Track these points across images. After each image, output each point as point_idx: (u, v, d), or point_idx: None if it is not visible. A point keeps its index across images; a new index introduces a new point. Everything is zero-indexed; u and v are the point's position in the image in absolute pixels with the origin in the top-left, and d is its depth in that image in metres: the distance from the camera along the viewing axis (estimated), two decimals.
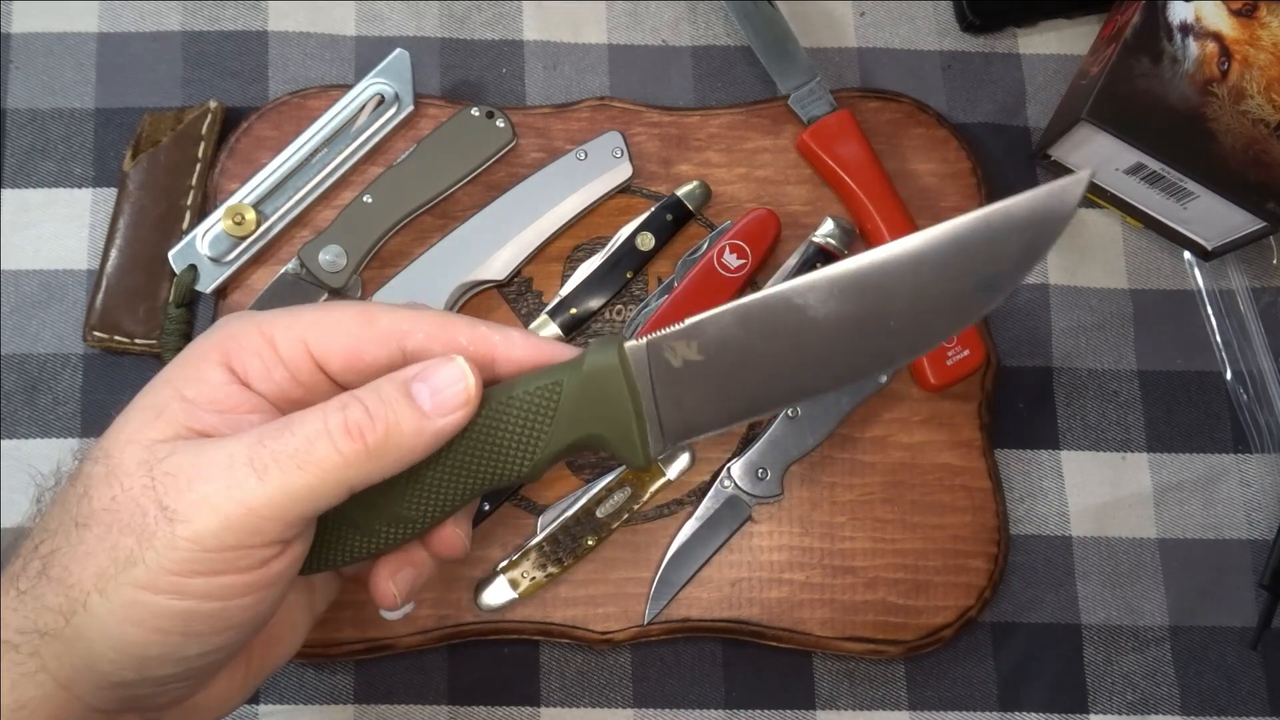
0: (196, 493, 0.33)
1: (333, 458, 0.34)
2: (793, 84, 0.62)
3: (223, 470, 0.33)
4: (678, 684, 0.58)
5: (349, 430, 0.34)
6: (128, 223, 0.60)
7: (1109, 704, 0.58)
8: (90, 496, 0.35)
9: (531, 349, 0.39)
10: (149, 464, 0.34)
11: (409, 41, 0.63)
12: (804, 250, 0.60)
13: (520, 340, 0.39)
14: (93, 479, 0.35)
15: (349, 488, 0.35)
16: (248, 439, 0.34)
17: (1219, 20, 0.57)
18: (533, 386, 0.37)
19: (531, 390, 0.37)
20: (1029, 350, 0.62)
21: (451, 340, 0.38)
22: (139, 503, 0.34)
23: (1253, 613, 0.60)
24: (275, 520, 0.34)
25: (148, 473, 0.34)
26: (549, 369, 0.38)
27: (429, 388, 0.36)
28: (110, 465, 0.35)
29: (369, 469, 0.35)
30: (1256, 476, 0.61)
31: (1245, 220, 0.58)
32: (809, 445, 0.58)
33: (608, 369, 0.37)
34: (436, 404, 0.36)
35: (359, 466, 0.35)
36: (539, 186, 0.60)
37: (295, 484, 0.34)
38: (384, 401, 0.35)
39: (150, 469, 0.34)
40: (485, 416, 0.37)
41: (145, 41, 0.63)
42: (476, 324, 0.39)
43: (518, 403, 0.37)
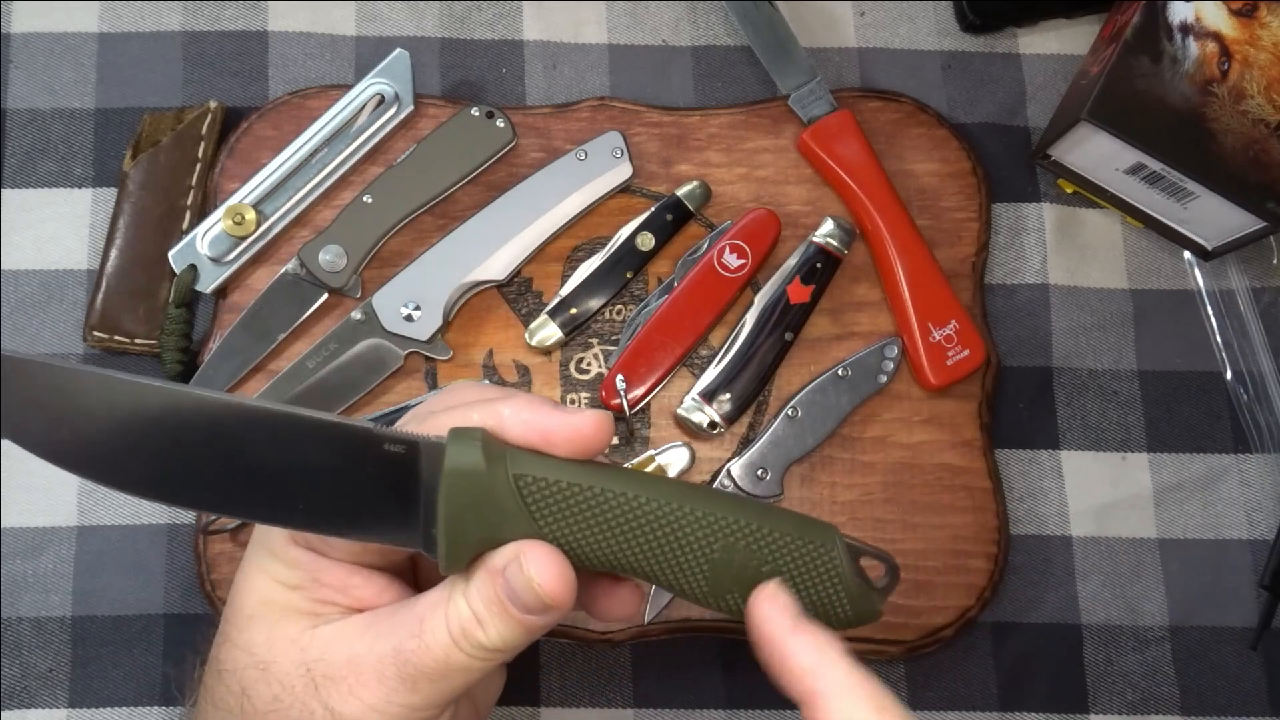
0: (361, 700, 0.36)
1: (471, 664, 0.37)
2: (793, 84, 0.62)
3: (377, 679, 0.36)
4: (678, 684, 0.58)
5: (472, 638, 0.36)
6: (128, 223, 0.59)
7: (1109, 704, 0.58)
8: (249, 695, 0.37)
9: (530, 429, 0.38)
10: (304, 665, 0.37)
11: (409, 41, 0.63)
12: (804, 250, 0.60)
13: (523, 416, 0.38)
14: (247, 679, 0.38)
15: (495, 667, 0.37)
16: (391, 646, 0.37)
17: (1219, 20, 0.57)
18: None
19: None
20: (1029, 350, 0.62)
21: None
22: (305, 704, 0.37)
23: (1253, 613, 0.60)
24: (433, 708, 0.37)
25: (306, 674, 0.37)
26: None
27: (518, 591, 0.36)
28: (263, 664, 0.37)
29: (507, 655, 0.37)
30: (1256, 476, 0.61)
31: (1245, 220, 0.58)
32: (809, 445, 0.58)
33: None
34: (526, 605, 0.36)
35: (497, 659, 0.37)
36: (539, 186, 0.60)
37: (445, 688, 0.37)
38: (488, 608, 0.36)
39: (308, 670, 0.37)
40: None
41: (145, 41, 0.63)
42: (486, 401, 0.38)
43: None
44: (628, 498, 0.36)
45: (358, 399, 0.58)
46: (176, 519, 0.58)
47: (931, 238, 0.61)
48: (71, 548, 0.58)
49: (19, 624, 0.57)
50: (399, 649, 0.36)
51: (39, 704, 0.56)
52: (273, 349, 0.58)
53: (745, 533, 0.37)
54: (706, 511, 0.37)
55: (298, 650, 0.37)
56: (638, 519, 0.36)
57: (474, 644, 0.36)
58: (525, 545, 0.36)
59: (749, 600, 0.37)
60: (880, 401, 0.59)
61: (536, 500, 0.36)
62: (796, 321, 0.59)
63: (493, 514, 0.36)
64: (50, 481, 0.58)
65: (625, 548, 0.37)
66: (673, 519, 0.36)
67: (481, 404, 0.38)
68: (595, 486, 0.36)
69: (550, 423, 0.37)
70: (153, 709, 0.56)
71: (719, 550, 0.37)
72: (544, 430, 0.37)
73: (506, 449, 0.36)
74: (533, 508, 0.36)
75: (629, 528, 0.36)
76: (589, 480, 0.36)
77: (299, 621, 0.38)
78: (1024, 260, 0.63)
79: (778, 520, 0.37)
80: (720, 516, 0.37)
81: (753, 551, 0.37)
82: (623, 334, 0.59)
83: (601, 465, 0.37)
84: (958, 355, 0.59)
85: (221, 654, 0.39)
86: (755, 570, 0.37)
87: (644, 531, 0.36)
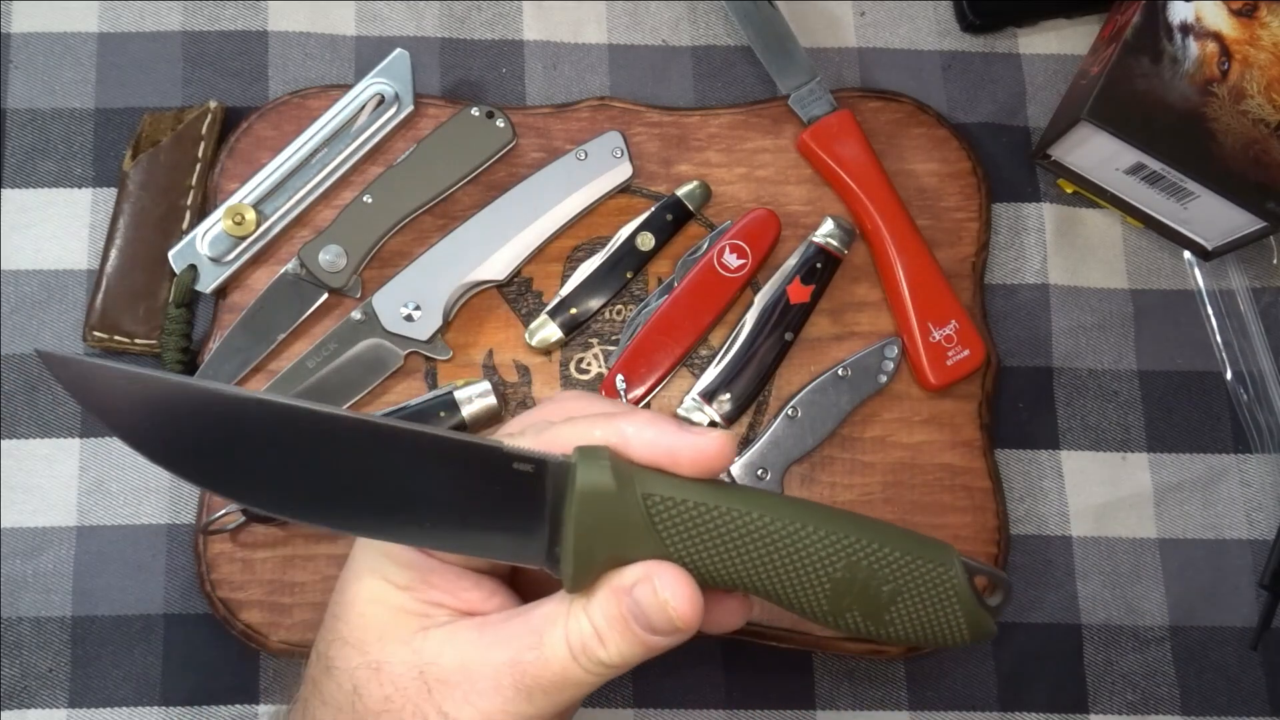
0: (475, 707, 0.37)
1: (587, 679, 0.37)
2: (793, 84, 0.62)
3: (493, 688, 0.37)
4: (678, 684, 0.58)
5: (591, 654, 0.37)
6: (128, 223, 0.60)
7: (1109, 704, 0.58)
8: (361, 695, 0.38)
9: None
10: (417, 666, 0.37)
11: (409, 41, 0.63)
12: (804, 250, 0.60)
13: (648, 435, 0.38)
14: (359, 678, 0.38)
15: (605, 682, 0.38)
16: (507, 657, 0.37)
17: (1219, 20, 0.57)
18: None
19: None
20: (1029, 350, 0.62)
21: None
22: (419, 706, 0.37)
23: (1253, 613, 0.60)
24: (546, 719, 0.38)
25: (419, 677, 0.37)
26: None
27: (646, 611, 0.36)
28: (375, 664, 0.38)
29: (622, 671, 0.37)
30: (1256, 476, 0.61)
31: (1245, 220, 0.58)
32: (809, 445, 0.58)
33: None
34: (654, 625, 0.37)
35: (612, 675, 0.37)
36: (539, 186, 0.60)
37: (559, 700, 0.37)
38: (611, 625, 0.37)
39: (421, 672, 0.37)
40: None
41: (145, 41, 0.63)
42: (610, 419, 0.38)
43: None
44: (753, 518, 0.36)
45: (358, 399, 0.58)
46: (176, 519, 0.58)
47: (931, 238, 0.61)
48: (71, 548, 0.58)
49: (19, 624, 0.57)
50: (516, 660, 0.37)
51: (39, 704, 0.56)
52: (273, 349, 0.58)
53: (867, 553, 0.37)
54: (829, 531, 0.37)
55: (410, 652, 0.38)
56: (762, 539, 0.36)
57: (593, 660, 0.36)
58: (657, 567, 0.36)
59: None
60: (880, 401, 0.59)
61: (664, 519, 0.36)
62: (796, 321, 0.59)
63: (620, 533, 0.36)
64: (50, 481, 0.58)
65: (749, 567, 0.37)
66: (797, 539, 0.37)
67: (603, 420, 0.38)
68: (722, 506, 0.36)
69: (677, 443, 0.37)
70: (153, 709, 0.56)
71: (841, 569, 0.37)
72: (670, 450, 0.37)
73: (634, 469, 0.36)
74: (660, 527, 0.36)
75: (754, 548, 0.36)
76: (715, 500, 0.36)
77: (410, 623, 0.38)
78: (1024, 260, 0.63)
79: (898, 539, 0.38)
80: (843, 536, 0.37)
81: (874, 571, 0.37)
82: (623, 334, 0.59)
83: (725, 485, 0.38)
84: (958, 355, 0.59)
85: (332, 651, 0.39)
86: (876, 589, 0.37)
87: (768, 552, 0.37)
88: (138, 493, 0.58)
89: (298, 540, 0.57)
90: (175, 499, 0.58)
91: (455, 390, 0.57)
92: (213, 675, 0.57)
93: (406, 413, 0.56)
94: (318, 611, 0.55)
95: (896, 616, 0.38)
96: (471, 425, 0.56)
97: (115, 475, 0.58)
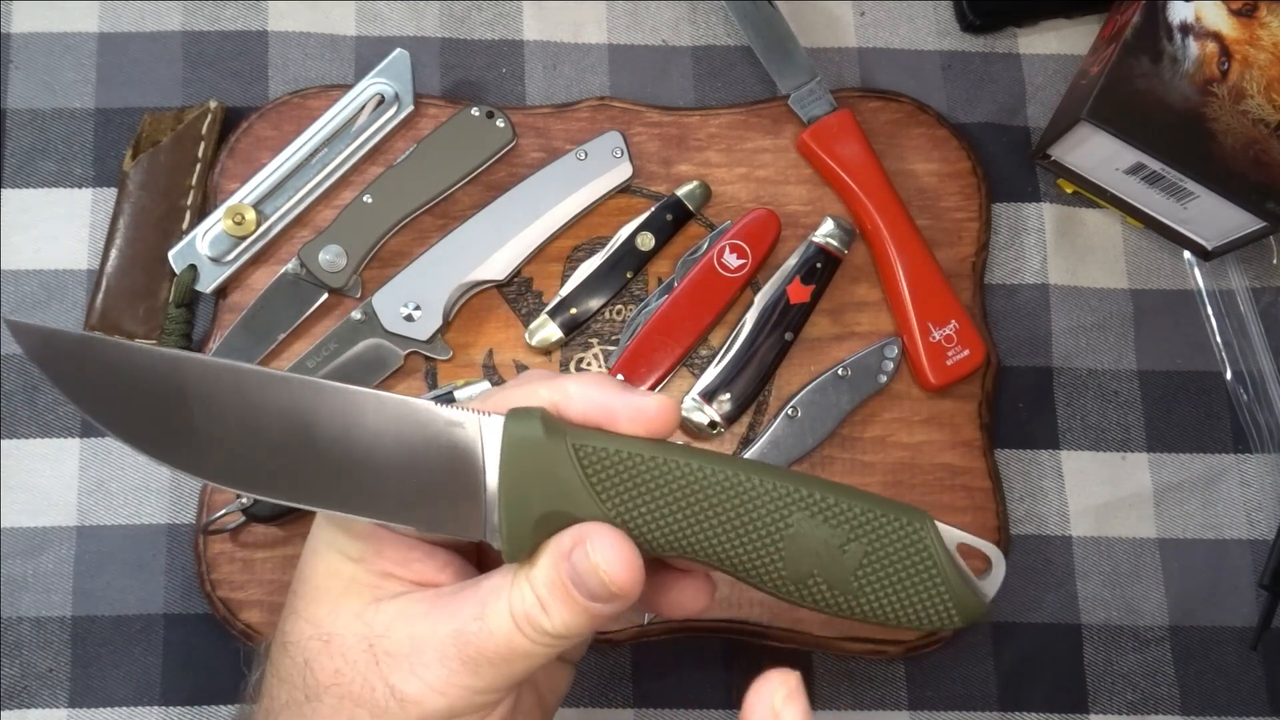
0: (421, 679, 0.36)
1: (534, 649, 0.36)
2: (793, 84, 0.62)
3: (439, 659, 0.36)
4: (678, 684, 0.58)
5: (535, 624, 0.36)
6: (128, 223, 0.60)
7: (1109, 704, 0.58)
8: (312, 668, 0.37)
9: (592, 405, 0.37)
10: (367, 639, 0.37)
11: (409, 41, 0.63)
12: (804, 250, 0.60)
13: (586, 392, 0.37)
14: (310, 650, 0.38)
15: (557, 653, 0.37)
16: (453, 629, 0.36)
17: (1219, 20, 0.57)
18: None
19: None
20: (1029, 350, 0.62)
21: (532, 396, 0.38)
22: (366, 679, 0.36)
23: (1253, 613, 0.60)
24: (495, 692, 0.37)
25: (369, 650, 0.37)
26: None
27: (583, 577, 0.35)
28: (326, 636, 0.37)
29: (571, 642, 0.37)
30: (1256, 476, 0.61)
31: (1245, 220, 0.58)
32: (809, 445, 0.58)
33: None
34: (591, 590, 0.36)
35: (561, 645, 0.36)
36: (539, 186, 0.60)
37: (507, 672, 0.36)
38: (552, 593, 0.36)
39: (370, 645, 0.37)
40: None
41: (145, 41, 0.63)
42: (551, 377, 0.38)
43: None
44: (692, 468, 0.34)
45: None
46: (176, 519, 0.58)
47: (931, 238, 0.61)
48: (71, 548, 0.58)
49: (19, 624, 0.57)
50: (461, 631, 0.36)
51: (39, 704, 0.56)
52: (273, 349, 0.58)
53: (821, 506, 0.34)
54: (778, 484, 0.34)
55: (361, 624, 0.37)
56: (704, 493, 0.34)
57: (537, 629, 0.36)
58: (591, 528, 0.35)
59: (753, 687, 0.35)
60: (880, 401, 0.59)
61: (599, 474, 0.34)
62: (796, 321, 0.59)
63: (553, 489, 0.34)
64: (50, 481, 0.58)
65: (693, 526, 0.35)
66: (739, 491, 0.34)
67: (548, 382, 0.37)
68: (658, 458, 0.34)
69: (615, 401, 0.36)
70: (152, 709, 0.56)
71: (794, 525, 0.34)
72: (608, 408, 0.36)
73: (569, 426, 0.35)
74: (595, 483, 0.34)
75: (695, 504, 0.34)
76: (651, 452, 0.34)
77: (362, 594, 0.38)
78: (1024, 260, 0.63)
79: (859, 497, 0.35)
80: (794, 489, 0.34)
81: (832, 529, 0.34)
82: (623, 334, 0.59)
83: (664, 442, 0.36)
84: (958, 355, 0.59)
85: (287, 626, 0.39)
86: (838, 551, 0.34)
87: (711, 507, 0.34)
88: (138, 493, 0.58)
89: (298, 540, 0.57)
90: (175, 499, 0.58)
91: (455, 390, 0.57)
92: (213, 675, 0.57)
93: None
94: None
95: (866, 584, 0.35)
96: None
97: (115, 475, 0.58)
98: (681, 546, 0.35)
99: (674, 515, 0.35)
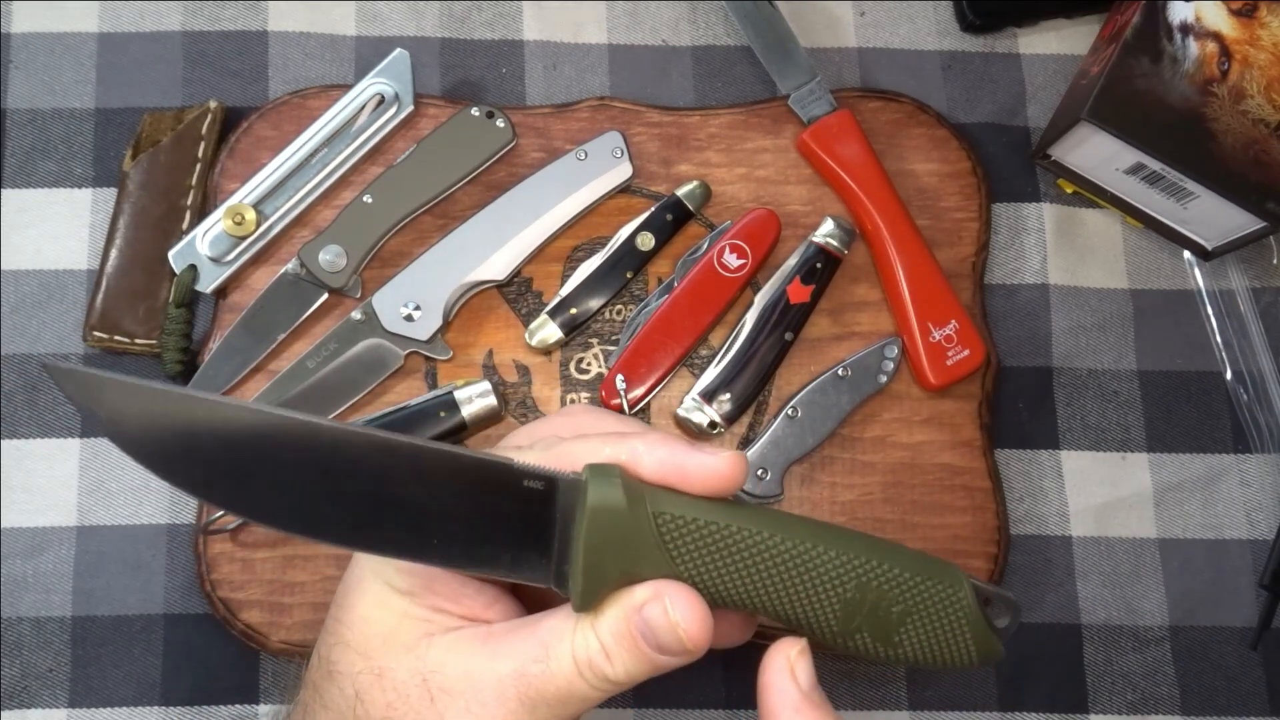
0: (478, 717, 0.36)
1: (591, 694, 0.37)
2: (793, 84, 0.62)
3: (496, 698, 0.36)
4: (678, 684, 0.58)
5: (598, 670, 0.36)
6: (128, 223, 0.60)
7: (1109, 704, 0.58)
8: (363, 701, 0.37)
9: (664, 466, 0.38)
10: (421, 674, 0.37)
11: (409, 41, 0.63)
12: (804, 250, 0.60)
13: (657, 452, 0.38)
14: (361, 683, 0.38)
15: (609, 697, 0.37)
16: (512, 668, 0.37)
17: (1219, 20, 0.57)
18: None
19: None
20: (1029, 350, 0.62)
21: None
22: (420, 714, 0.37)
23: (1253, 613, 0.60)
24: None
25: (423, 685, 0.37)
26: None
27: (655, 631, 0.36)
28: (378, 670, 0.38)
29: (626, 688, 0.37)
30: (1256, 476, 0.61)
31: (1245, 220, 0.58)
32: (809, 445, 0.58)
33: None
34: (663, 644, 0.36)
35: (616, 691, 0.37)
36: (539, 186, 0.60)
37: (562, 714, 0.37)
38: (619, 643, 0.36)
39: (424, 680, 0.37)
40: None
41: (145, 41, 0.63)
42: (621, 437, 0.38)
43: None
44: (763, 537, 0.36)
45: (358, 399, 0.58)
46: (176, 519, 0.58)
47: (931, 238, 0.61)
48: (71, 548, 0.58)
49: (19, 624, 0.57)
50: (521, 672, 0.37)
51: (39, 704, 0.56)
52: (273, 349, 0.58)
53: (878, 573, 0.37)
54: (840, 551, 0.37)
55: (414, 659, 0.37)
56: (773, 559, 0.36)
57: (599, 676, 0.36)
58: (668, 586, 0.36)
59: (765, 656, 0.37)
60: (880, 401, 0.59)
61: (674, 538, 0.36)
62: (796, 321, 0.59)
63: (630, 552, 0.36)
64: (50, 481, 0.58)
65: (759, 587, 0.37)
66: (808, 559, 0.36)
67: (614, 438, 0.38)
68: (732, 525, 0.36)
69: (688, 462, 0.37)
70: (152, 709, 0.56)
71: (852, 590, 0.37)
72: (681, 469, 0.37)
73: (645, 487, 0.36)
74: (670, 546, 0.36)
75: (764, 568, 0.36)
76: (726, 519, 0.36)
77: (414, 629, 0.38)
78: (1024, 260, 0.63)
79: (909, 560, 0.38)
80: (854, 557, 0.37)
81: (884, 591, 0.37)
82: (623, 334, 0.59)
83: (736, 504, 0.37)
84: (958, 355, 0.59)
85: (334, 655, 0.39)
86: (887, 610, 0.37)
87: (779, 571, 0.36)
88: (138, 493, 0.58)
89: (298, 540, 0.57)
90: (175, 499, 0.58)
91: (455, 390, 0.57)
92: (213, 675, 0.57)
93: (407, 412, 0.56)
94: (318, 611, 0.55)
95: (905, 638, 0.38)
96: (471, 425, 0.56)
97: (115, 475, 0.58)
98: (742, 602, 0.37)
99: (741, 576, 0.36)
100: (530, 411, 0.59)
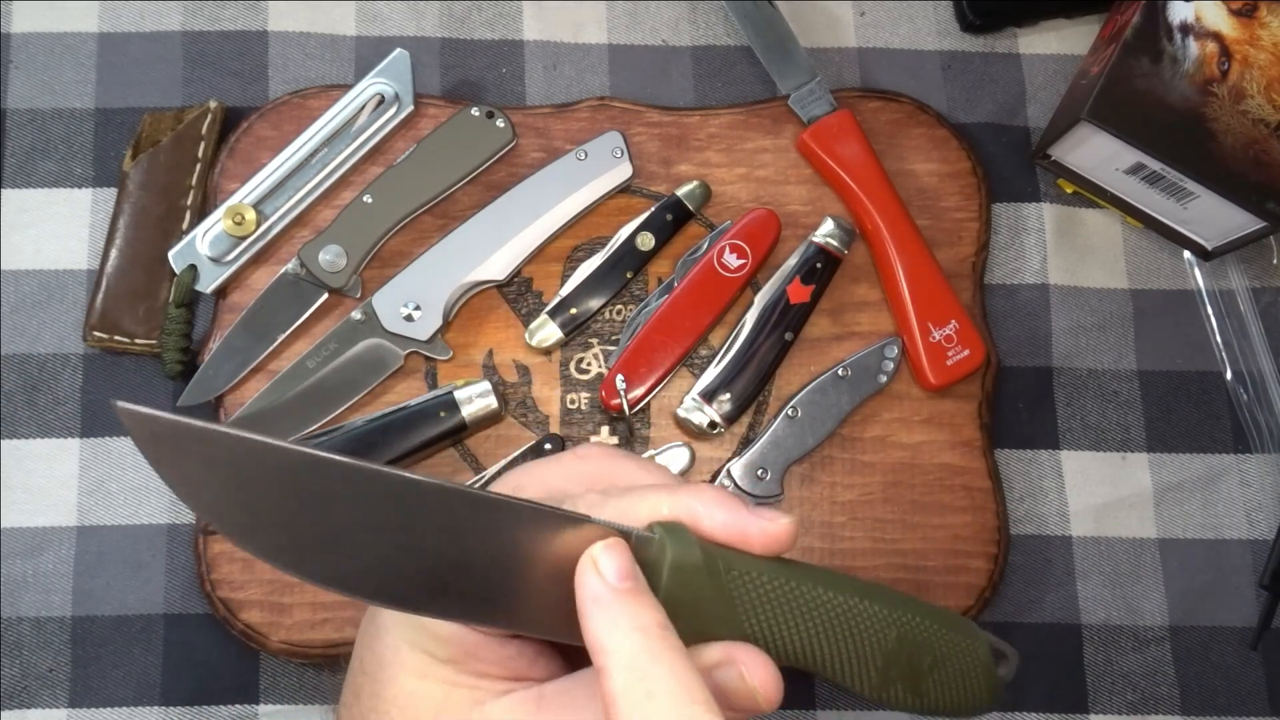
0: None
1: None
2: (793, 84, 0.62)
3: None
4: None
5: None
6: (128, 223, 0.60)
7: (1109, 704, 0.58)
8: None
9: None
10: None
11: (409, 41, 0.63)
12: (804, 250, 0.60)
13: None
14: None
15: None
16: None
17: (1219, 20, 0.57)
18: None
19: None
20: (1029, 350, 0.62)
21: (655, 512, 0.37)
22: None
23: (1253, 613, 0.60)
24: None
25: None
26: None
27: (729, 694, 0.36)
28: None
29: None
30: (1256, 476, 0.61)
31: (1245, 220, 0.58)
32: (809, 445, 0.58)
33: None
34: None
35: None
36: (539, 186, 0.60)
37: None
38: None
39: None
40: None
41: (145, 41, 0.63)
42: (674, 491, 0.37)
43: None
44: (819, 593, 0.37)
45: (358, 399, 0.58)
46: (176, 519, 0.58)
47: (931, 238, 0.61)
48: (71, 548, 0.58)
49: (19, 624, 0.57)
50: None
51: (39, 704, 0.56)
52: (273, 349, 0.58)
53: (914, 625, 0.39)
54: (883, 605, 0.38)
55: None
56: (828, 613, 0.38)
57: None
58: (741, 651, 0.36)
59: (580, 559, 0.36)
60: (880, 401, 0.59)
61: (741, 596, 0.37)
62: (796, 321, 0.59)
63: (702, 609, 0.36)
64: (50, 481, 0.58)
65: (813, 641, 0.38)
66: (857, 613, 0.38)
67: (667, 493, 0.37)
68: (792, 582, 0.37)
69: (749, 528, 0.37)
70: (152, 709, 0.56)
71: (893, 642, 0.38)
72: (742, 531, 0.37)
73: (714, 546, 0.37)
74: (738, 603, 0.37)
75: (820, 621, 0.38)
76: (788, 577, 0.37)
77: (464, 698, 0.37)
78: (1024, 260, 0.63)
79: (934, 613, 0.40)
80: (894, 610, 0.39)
81: (919, 643, 0.39)
82: (623, 334, 0.59)
83: (792, 562, 0.38)
84: (958, 355, 0.59)
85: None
86: (919, 660, 0.39)
87: (832, 625, 0.38)
88: (138, 493, 0.58)
89: None
90: (175, 499, 0.58)
91: (455, 390, 0.57)
92: (213, 675, 0.57)
93: (407, 413, 0.56)
94: (317, 612, 0.55)
95: (932, 687, 0.40)
96: (471, 425, 0.56)
97: (115, 475, 0.58)
98: (796, 655, 0.38)
99: (798, 631, 0.38)
100: (530, 411, 0.59)
